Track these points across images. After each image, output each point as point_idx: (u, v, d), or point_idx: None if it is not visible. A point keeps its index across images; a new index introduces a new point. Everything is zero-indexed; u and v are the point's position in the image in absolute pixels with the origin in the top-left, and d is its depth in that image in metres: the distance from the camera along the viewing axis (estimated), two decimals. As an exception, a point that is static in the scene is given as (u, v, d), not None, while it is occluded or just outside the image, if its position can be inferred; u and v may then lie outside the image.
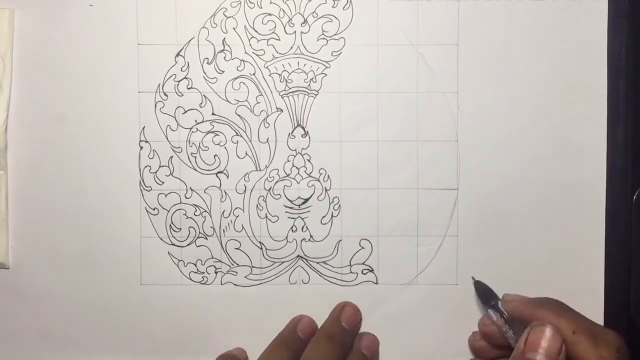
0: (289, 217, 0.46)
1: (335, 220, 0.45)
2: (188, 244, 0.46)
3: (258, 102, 0.45)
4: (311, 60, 0.45)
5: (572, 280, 0.45)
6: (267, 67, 0.45)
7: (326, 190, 0.45)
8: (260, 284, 0.46)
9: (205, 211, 0.45)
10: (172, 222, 0.45)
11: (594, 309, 0.45)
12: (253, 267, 0.46)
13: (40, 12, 0.45)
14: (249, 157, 0.45)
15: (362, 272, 0.46)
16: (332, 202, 0.45)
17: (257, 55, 0.45)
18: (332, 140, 0.45)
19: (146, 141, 0.45)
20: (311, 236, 0.46)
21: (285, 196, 0.46)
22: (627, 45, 0.45)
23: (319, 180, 0.45)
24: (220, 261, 0.46)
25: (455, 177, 0.45)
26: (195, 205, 0.45)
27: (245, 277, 0.46)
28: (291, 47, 0.45)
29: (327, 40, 0.45)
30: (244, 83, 0.45)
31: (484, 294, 0.44)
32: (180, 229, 0.46)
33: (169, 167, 0.45)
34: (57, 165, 0.45)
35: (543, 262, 0.45)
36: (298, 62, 0.45)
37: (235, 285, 0.46)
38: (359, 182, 0.45)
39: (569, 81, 0.45)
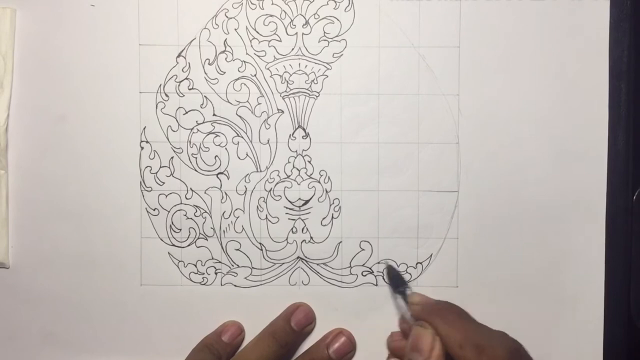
0: (289, 219, 0.46)
1: (335, 221, 0.45)
2: (188, 245, 0.46)
3: (259, 103, 0.45)
4: (312, 62, 0.45)
5: (573, 281, 0.45)
6: (268, 69, 0.45)
7: (327, 191, 0.45)
8: (260, 285, 0.46)
9: (206, 212, 0.45)
10: (172, 223, 0.46)
11: (594, 309, 0.45)
12: (253, 268, 0.46)
13: (42, 11, 0.45)
14: (249, 158, 0.45)
15: (362, 274, 0.46)
16: (333, 203, 0.45)
17: (258, 56, 0.45)
18: (333, 141, 0.45)
19: (147, 141, 0.45)
20: (311, 237, 0.46)
21: (286, 197, 0.46)
22: (628, 48, 0.45)
23: (319, 182, 0.45)
24: (220, 262, 0.46)
25: (456, 180, 0.45)
26: (196, 206, 0.45)
27: (245, 278, 0.46)
28: (292, 49, 0.45)
29: (329, 42, 0.45)
30: (245, 84, 0.45)
31: (394, 280, 0.44)
32: (180, 229, 0.46)
33: (169, 167, 0.45)
34: (58, 165, 0.45)
35: (543, 264, 0.45)
36: (299, 64, 0.45)
37: (235, 286, 0.46)
38: (360, 183, 0.45)
39: (570, 84, 0.45)
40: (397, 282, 0.44)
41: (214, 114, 0.45)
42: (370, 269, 0.46)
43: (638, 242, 0.45)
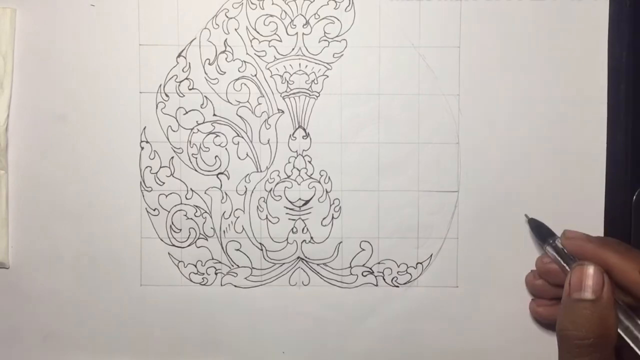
0: (289, 219, 0.46)
1: (335, 222, 0.45)
2: (188, 245, 0.46)
3: (259, 104, 0.45)
4: (313, 62, 0.45)
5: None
6: (268, 69, 0.45)
7: (327, 192, 0.45)
8: (261, 285, 0.46)
9: (206, 212, 0.45)
10: (172, 223, 0.45)
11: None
12: (253, 268, 0.46)
13: (42, 11, 0.45)
14: (249, 159, 0.45)
15: (362, 274, 0.46)
16: (333, 203, 0.45)
17: (258, 56, 0.45)
18: (333, 142, 0.45)
19: (147, 142, 0.45)
20: (311, 238, 0.46)
21: (286, 197, 0.46)
22: (627, 49, 0.45)
23: (319, 182, 0.45)
24: (220, 262, 0.46)
25: (456, 180, 0.45)
26: (196, 206, 0.45)
27: (245, 278, 0.46)
28: (293, 49, 0.45)
29: (329, 42, 0.45)
30: (245, 84, 0.45)
31: (539, 231, 0.44)
32: (180, 229, 0.46)
33: (169, 167, 0.45)
34: (58, 165, 0.45)
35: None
36: (299, 64, 0.45)
37: (235, 286, 0.46)
38: (360, 184, 0.45)
39: (569, 84, 0.45)
40: (543, 234, 0.43)
41: (214, 114, 0.45)
42: (370, 269, 0.46)
43: (638, 242, 0.45)
